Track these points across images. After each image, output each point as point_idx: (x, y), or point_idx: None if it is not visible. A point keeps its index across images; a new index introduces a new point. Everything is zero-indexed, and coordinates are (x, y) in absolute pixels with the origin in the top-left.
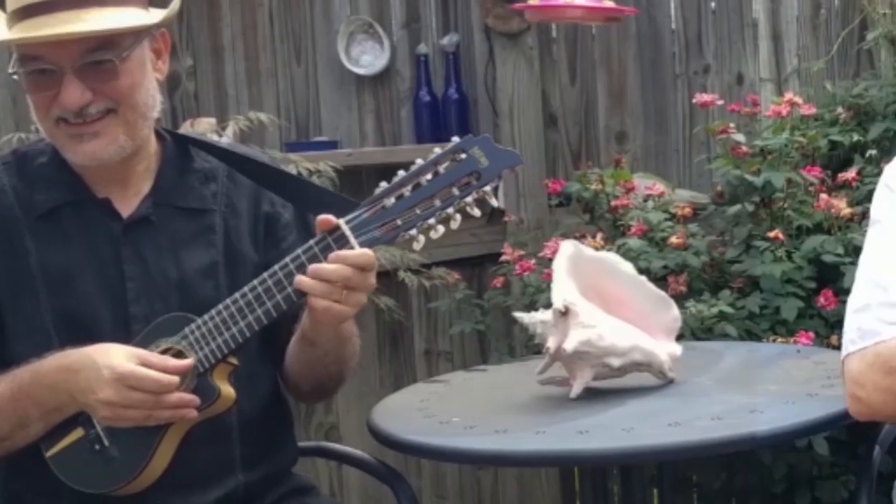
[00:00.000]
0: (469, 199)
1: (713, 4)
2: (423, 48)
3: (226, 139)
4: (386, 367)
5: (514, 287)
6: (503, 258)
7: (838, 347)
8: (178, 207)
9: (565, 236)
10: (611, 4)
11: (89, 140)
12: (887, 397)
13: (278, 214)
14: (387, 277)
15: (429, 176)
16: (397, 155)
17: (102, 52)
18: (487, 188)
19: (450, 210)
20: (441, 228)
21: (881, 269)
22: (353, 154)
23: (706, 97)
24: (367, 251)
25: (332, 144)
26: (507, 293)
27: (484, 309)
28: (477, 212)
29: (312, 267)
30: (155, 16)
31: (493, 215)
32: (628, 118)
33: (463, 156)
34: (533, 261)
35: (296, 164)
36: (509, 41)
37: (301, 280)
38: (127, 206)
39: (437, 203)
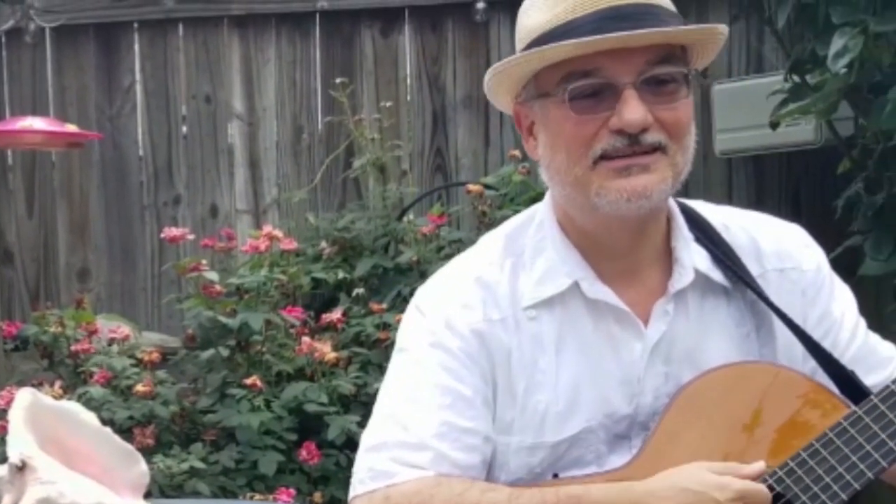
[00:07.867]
0: None
1: (185, 129)
2: None
3: None
4: None
5: None
6: None
7: None
8: None
9: (22, 384)
10: (73, 129)
11: None
12: None
13: None
14: None
15: None
16: None
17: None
18: None
19: None
20: None
21: (402, 404)
22: None
23: (176, 231)
24: None
25: None
26: None
27: None
28: None
29: None
30: None
31: None
32: (91, 254)
33: None
34: None
35: None
36: None
37: None
38: None
39: None
